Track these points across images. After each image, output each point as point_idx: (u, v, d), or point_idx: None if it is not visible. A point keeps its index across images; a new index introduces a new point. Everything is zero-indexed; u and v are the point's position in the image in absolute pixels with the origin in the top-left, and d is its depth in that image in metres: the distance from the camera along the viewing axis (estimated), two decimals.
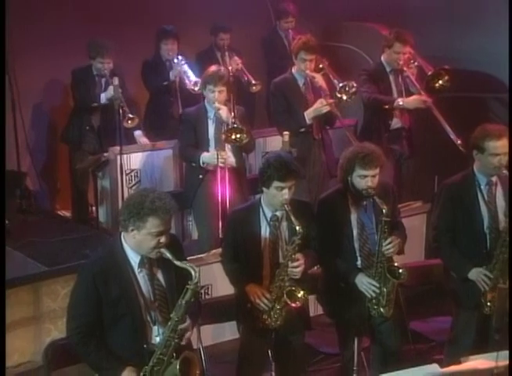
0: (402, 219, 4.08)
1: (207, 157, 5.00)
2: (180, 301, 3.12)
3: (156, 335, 3.19)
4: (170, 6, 6.53)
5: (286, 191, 3.59)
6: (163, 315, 3.20)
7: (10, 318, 4.39)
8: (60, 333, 3.79)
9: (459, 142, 5.08)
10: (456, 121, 5.01)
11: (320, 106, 5.21)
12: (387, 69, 5.46)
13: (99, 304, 3.16)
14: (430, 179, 4.79)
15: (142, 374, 3.14)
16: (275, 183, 3.59)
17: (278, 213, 3.69)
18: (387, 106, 5.33)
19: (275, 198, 3.62)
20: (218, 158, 4.94)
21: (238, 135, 4.89)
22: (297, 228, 3.55)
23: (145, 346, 3.17)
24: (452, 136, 5.12)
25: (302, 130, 5.27)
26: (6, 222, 5.04)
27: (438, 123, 5.16)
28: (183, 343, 3.20)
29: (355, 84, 5.17)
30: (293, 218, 3.57)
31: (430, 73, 5.31)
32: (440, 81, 5.26)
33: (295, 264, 3.60)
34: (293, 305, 3.60)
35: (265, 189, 3.67)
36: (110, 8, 6.29)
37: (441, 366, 3.12)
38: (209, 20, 6.53)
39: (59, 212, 6.38)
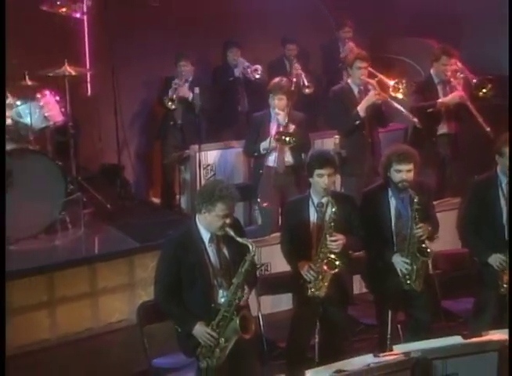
0: (436, 214, 4.50)
1: (264, 144, 5.55)
2: (240, 269, 3.70)
3: (222, 297, 3.75)
4: (247, 23, 7.17)
5: (325, 178, 4.14)
6: (227, 281, 3.75)
7: (111, 284, 5.13)
8: (149, 297, 4.19)
9: (490, 132, 5.44)
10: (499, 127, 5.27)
11: (372, 95, 5.53)
12: (436, 80, 5.87)
13: (178, 270, 3.78)
14: (471, 179, 5.23)
15: (210, 327, 3.72)
16: (317, 171, 4.16)
17: (323, 200, 4.17)
18: (431, 110, 5.71)
19: (318, 185, 4.17)
20: (270, 143, 5.46)
21: (287, 138, 5.43)
22: (334, 209, 4.08)
23: (212, 305, 3.76)
24: (487, 128, 5.49)
25: (357, 122, 5.57)
26: (108, 206, 5.83)
27: (476, 121, 5.55)
28: (242, 304, 3.76)
29: (404, 81, 5.54)
30: (331, 199, 4.08)
31: (474, 81, 5.69)
32: (484, 90, 5.66)
33: (333, 238, 4.06)
34: (331, 271, 4.05)
35: (310, 179, 4.24)
36: (194, 27, 7.01)
37: (465, 338, 3.45)
38: (281, 32, 7.04)
39: (150, 199, 7.02)
